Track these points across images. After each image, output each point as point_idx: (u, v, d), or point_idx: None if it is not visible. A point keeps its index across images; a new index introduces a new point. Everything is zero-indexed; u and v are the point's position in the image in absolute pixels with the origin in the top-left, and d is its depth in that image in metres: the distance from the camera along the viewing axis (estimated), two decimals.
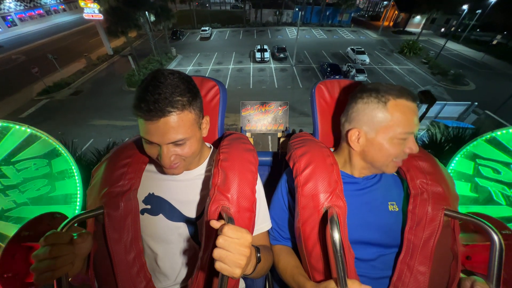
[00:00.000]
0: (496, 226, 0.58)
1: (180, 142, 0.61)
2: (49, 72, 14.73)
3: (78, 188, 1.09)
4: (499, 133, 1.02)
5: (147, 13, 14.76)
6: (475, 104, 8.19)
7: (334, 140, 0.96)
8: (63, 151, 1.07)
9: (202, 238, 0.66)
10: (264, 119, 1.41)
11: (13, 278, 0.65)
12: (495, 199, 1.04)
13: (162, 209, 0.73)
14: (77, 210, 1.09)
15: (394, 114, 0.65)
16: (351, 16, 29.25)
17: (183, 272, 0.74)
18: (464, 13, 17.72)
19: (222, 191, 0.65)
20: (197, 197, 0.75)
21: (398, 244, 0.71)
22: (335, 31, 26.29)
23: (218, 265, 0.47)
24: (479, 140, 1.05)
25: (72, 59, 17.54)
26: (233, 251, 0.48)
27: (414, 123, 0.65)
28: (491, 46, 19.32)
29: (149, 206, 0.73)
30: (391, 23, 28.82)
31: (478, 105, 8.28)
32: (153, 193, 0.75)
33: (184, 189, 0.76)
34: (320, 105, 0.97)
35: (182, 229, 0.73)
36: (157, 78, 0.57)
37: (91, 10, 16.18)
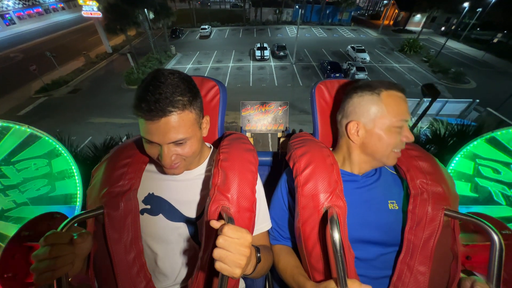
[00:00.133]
0: (496, 226, 0.58)
1: (181, 141, 0.61)
2: (47, 70, 14.63)
3: (78, 188, 1.09)
4: (499, 133, 1.02)
5: (146, 10, 14.65)
6: (477, 101, 8.12)
7: (333, 140, 0.96)
8: (63, 151, 1.07)
9: (202, 238, 0.66)
10: (264, 119, 1.42)
11: (13, 278, 0.65)
12: (495, 199, 1.04)
13: (162, 209, 0.73)
14: (77, 210, 1.09)
15: (387, 103, 0.69)
16: (351, 14, 29.16)
17: (183, 272, 0.74)
18: (465, 11, 17.55)
19: (222, 191, 0.65)
20: (197, 197, 0.75)
21: (398, 243, 0.71)
22: (335, 30, 26.12)
23: (218, 265, 0.47)
24: (479, 140, 1.05)
25: (70, 57, 17.40)
26: (233, 251, 0.48)
27: (407, 111, 0.71)
28: (491, 45, 19.20)
29: (148, 206, 0.73)
30: (391, 22, 28.68)
31: (479, 103, 8.22)
32: (153, 193, 0.75)
33: (184, 189, 0.76)
34: (320, 105, 0.97)
35: (182, 229, 0.73)
36: (158, 78, 0.57)
37: (90, 8, 16.03)
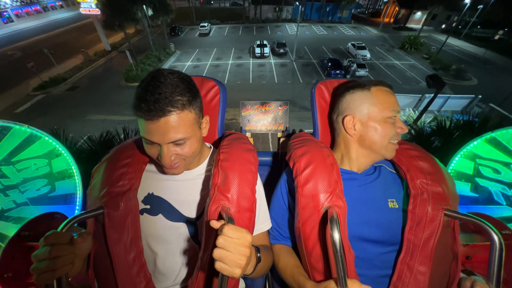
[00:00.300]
0: (496, 226, 0.58)
1: (180, 141, 0.61)
2: (45, 68, 14.53)
3: (78, 188, 1.09)
4: (499, 133, 1.02)
5: (144, 7, 14.43)
6: (479, 97, 8.02)
7: (333, 141, 0.96)
8: (63, 151, 1.07)
9: (202, 238, 0.66)
10: (264, 119, 1.42)
11: (13, 278, 0.65)
12: (495, 199, 1.04)
13: (162, 209, 0.73)
14: (77, 210, 1.08)
15: (378, 96, 0.75)
16: (351, 12, 29.10)
17: (183, 272, 0.74)
18: (466, 8, 17.36)
19: (222, 191, 0.65)
20: (197, 197, 0.75)
21: (398, 242, 0.71)
22: (335, 28, 25.98)
23: (218, 265, 0.47)
24: (479, 140, 1.05)
25: (69, 55, 17.25)
26: (233, 251, 0.48)
27: (397, 103, 0.76)
28: (492, 42, 19.12)
29: (148, 206, 0.73)
30: (392, 19, 28.55)
31: (481, 99, 8.14)
32: (152, 193, 0.75)
33: (184, 189, 0.76)
34: (320, 105, 0.97)
35: (182, 229, 0.73)
36: (157, 78, 0.57)
37: (88, 5, 15.81)
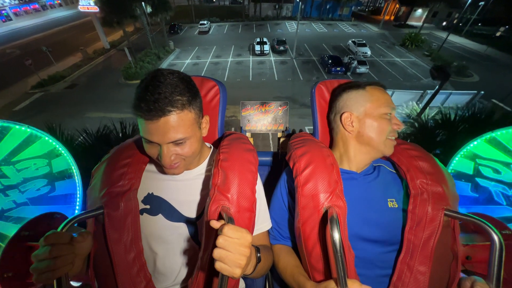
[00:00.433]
0: (496, 226, 0.58)
1: (180, 141, 0.61)
2: (44, 66, 14.45)
3: (78, 188, 1.09)
4: (499, 133, 1.02)
5: (143, 4, 14.30)
6: (481, 93, 7.86)
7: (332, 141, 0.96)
8: (63, 151, 1.07)
9: (202, 238, 0.66)
10: (264, 119, 1.42)
11: (13, 278, 0.65)
12: (496, 199, 1.04)
13: (161, 209, 0.73)
14: (77, 210, 1.08)
15: (373, 93, 0.78)
16: (352, 10, 28.95)
17: (183, 272, 0.74)
18: (467, 4, 17.15)
19: (222, 191, 0.65)
20: (197, 197, 0.75)
21: (398, 242, 0.71)
22: (335, 25, 25.82)
23: (218, 265, 0.47)
24: (479, 140, 1.05)
25: (68, 53, 17.19)
26: (233, 251, 0.48)
27: (391, 100, 0.78)
28: (494, 39, 19.01)
29: (148, 206, 0.73)
30: (392, 17, 28.36)
31: (483, 96, 8.01)
32: (152, 193, 0.75)
33: (184, 189, 0.76)
34: (320, 105, 0.97)
35: (182, 229, 0.73)
36: (157, 77, 0.57)
37: (87, 2, 15.60)
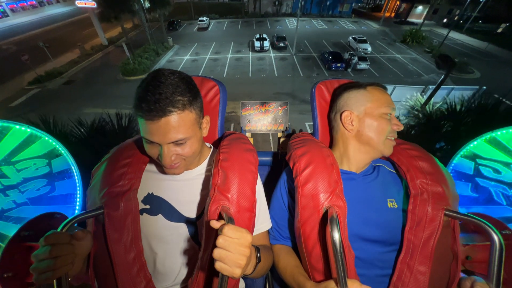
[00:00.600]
0: (496, 226, 0.58)
1: (181, 141, 0.61)
2: (41, 62, 14.26)
3: (78, 188, 1.09)
4: (499, 133, 1.02)
5: None
6: (484, 88, 7.63)
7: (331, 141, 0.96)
8: (63, 151, 1.07)
9: (202, 238, 0.66)
10: (264, 119, 1.42)
11: (13, 278, 0.65)
12: (496, 199, 1.04)
13: (161, 209, 0.73)
14: (77, 210, 1.09)
15: (373, 93, 0.78)
16: (352, 7, 28.83)
17: (183, 272, 0.74)
18: (468, 1, 17.03)
19: (222, 191, 0.65)
20: (197, 197, 0.75)
21: (398, 242, 0.71)
22: (335, 22, 25.64)
23: (218, 265, 0.47)
24: (479, 140, 1.05)
25: (65, 49, 16.92)
26: (233, 251, 0.48)
27: (391, 101, 0.78)
28: (495, 35, 18.95)
29: (148, 206, 0.73)
30: (393, 13, 28.20)
31: (484, 92, 8.02)
32: (152, 193, 0.74)
33: (184, 189, 0.76)
34: (320, 105, 0.97)
35: (182, 229, 0.73)
36: (158, 78, 0.57)
37: None
